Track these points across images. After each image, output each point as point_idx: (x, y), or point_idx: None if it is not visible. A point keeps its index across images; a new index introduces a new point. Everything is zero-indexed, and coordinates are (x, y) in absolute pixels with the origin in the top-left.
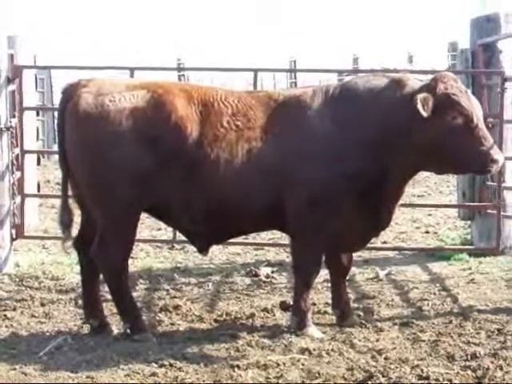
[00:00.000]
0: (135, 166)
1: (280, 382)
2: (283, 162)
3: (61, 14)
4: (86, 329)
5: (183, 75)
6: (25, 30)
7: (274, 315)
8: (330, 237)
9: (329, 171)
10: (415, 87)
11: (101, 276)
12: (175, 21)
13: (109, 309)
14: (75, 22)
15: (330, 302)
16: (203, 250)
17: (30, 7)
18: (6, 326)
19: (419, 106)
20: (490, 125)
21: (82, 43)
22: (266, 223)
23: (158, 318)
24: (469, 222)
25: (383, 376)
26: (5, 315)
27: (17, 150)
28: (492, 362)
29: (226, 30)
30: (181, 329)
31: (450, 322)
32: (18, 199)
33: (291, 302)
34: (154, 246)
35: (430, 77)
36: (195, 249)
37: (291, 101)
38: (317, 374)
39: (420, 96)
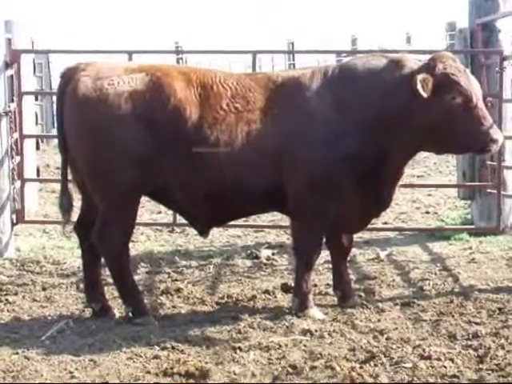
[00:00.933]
0: (135, 150)
1: (282, 363)
2: (282, 143)
3: None
4: (87, 313)
5: (181, 58)
6: (22, 15)
7: (276, 297)
8: (331, 218)
9: (328, 153)
10: (414, 67)
11: (102, 260)
12: (173, 4)
13: (110, 292)
14: (73, 7)
15: (331, 283)
16: (204, 232)
17: None
18: (8, 311)
19: (419, 87)
20: (490, 104)
21: (80, 27)
22: (267, 205)
23: (159, 301)
24: (469, 202)
25: (385, 356)
26: (6, 300)
27: (16, 135)
28: (493, 341)
29: (224, 14)
30: (182, 311)
31: (451, 301)
32: (17, 184)
33: (292, 284)
34: (154, 229)
35: (428, 57)
36: (196, 231)
37: (290, 82)
38: (319, 355)
39: (419, 76)
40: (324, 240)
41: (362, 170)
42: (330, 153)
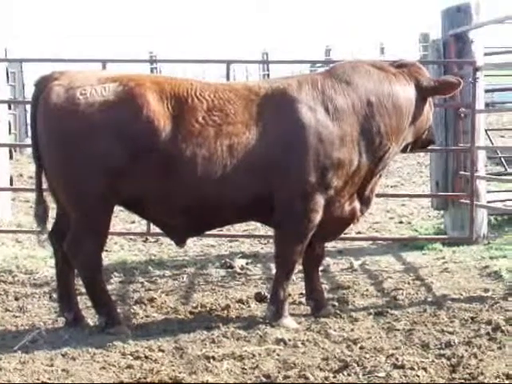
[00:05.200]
0: (106, 160)
1: (255, 372)
2: (271, 155)
3: (32, 7)
4: (60, 322)
5: (155, 67)
6: None
7: (249, 306)
8: (316, 227)
9: (322, 162)
10: (397, 71)
11: (76, 269)
12: (148, 13)
13: (83, 302)
14: (47, 16)
15: (304, 292)
16: (180, 242)
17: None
18: None
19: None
20: (463, 114)
21: (54, 36)
22: (248, 216)
23: (132, 310)
24: (442, 212)
25: (358, 365)
26: None
27: None
28: (466, 350)
29: (198, 22)
30: (156, 321)
31: (425, 310)
32: None
33: (266, 293)
34: (128, 238)
35: None
36: (170, 241)
37: (276, 93)
38: (292, 365)
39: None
40: None
41: (354, 177)
42: (324, 162)
